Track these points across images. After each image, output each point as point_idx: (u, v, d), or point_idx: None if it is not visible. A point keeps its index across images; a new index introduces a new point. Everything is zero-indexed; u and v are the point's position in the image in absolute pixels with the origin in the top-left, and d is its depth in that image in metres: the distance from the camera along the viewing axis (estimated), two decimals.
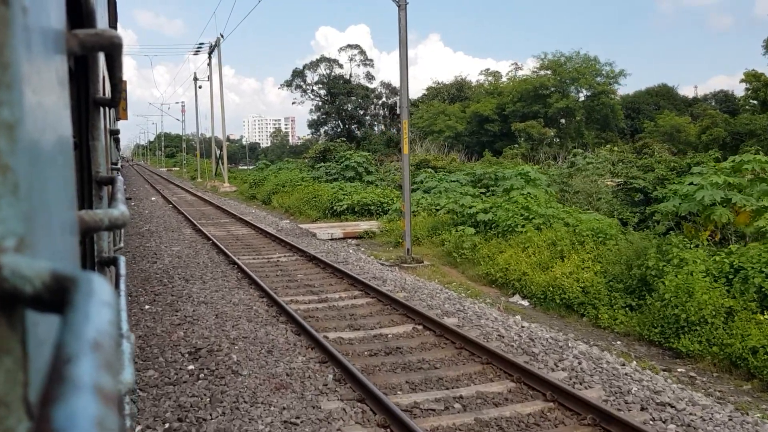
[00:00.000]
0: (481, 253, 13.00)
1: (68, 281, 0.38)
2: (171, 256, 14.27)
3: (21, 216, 0.41)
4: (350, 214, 22.23)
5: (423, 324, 8.50)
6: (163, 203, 29.77)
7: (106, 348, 0.33)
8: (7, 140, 0.40)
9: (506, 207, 13.55)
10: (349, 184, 25.16)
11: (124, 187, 2.04)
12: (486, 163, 28.68)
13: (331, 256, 14.23)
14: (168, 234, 18.25)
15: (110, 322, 0.36)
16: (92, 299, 0.37)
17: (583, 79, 50.16)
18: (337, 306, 9.67)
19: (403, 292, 10.49)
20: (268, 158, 79.53)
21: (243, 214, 23.94)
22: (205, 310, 9.27)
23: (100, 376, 0.31)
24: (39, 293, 0.38)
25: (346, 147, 33.75)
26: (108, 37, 0.90)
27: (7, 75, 0.41)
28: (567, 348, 7.46)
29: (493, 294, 11.34)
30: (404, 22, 13.22)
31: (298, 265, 13.18)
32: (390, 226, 18.25)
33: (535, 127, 47.00)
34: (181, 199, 31.99)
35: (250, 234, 18.46)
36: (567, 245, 11.12)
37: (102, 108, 2.06)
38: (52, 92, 0.62)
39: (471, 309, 9.31)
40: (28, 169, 0.45)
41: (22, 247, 0.40)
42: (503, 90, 55.80)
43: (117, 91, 1.87)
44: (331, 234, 18.16)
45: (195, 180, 53.17)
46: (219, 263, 13.29)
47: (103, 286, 0.38)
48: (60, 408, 0.28)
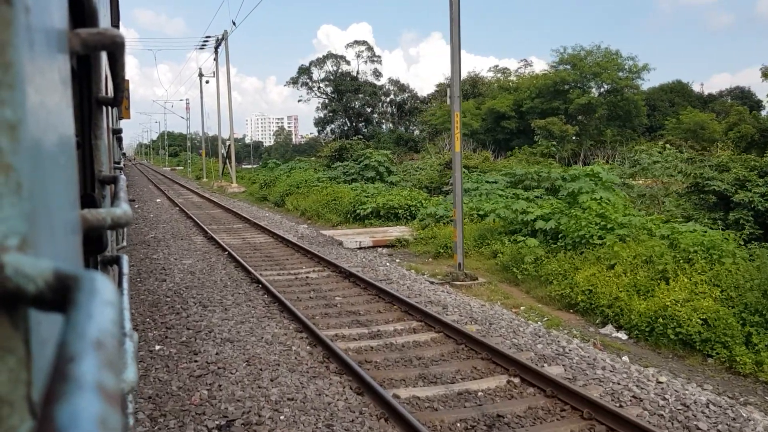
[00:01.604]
0: (548, 269, 10.97)
1: (71, 280, 0.38)
2: (182, 271, 12.26)
3: (24, 215, 0.41)
4: (375, 218, 20.23)
5: (519, 375, 6.48)
6: (168, 205, 27.77)
7: (109, 347, 0.33)
8: (9, 140, 0.40)
9: (576, 214, 11.50)
10: (370, 186, 23.14)
11: (126, 186, 1.92)
12: (523, 162, 26.53)
13: (369, 271, 12.21)
14: (177, 243, 16.24)
15: (113, 321, 0.36)
16: (95, 298, 0.37)
17: (605, 74, 47.98)
18: (395, 344, 7.65)
19: (473, 324, 8.48)
20: (271, 157, 77.76)
21: (257, 218, 21.93)
22: (232, 351, 7.26)
23: (102, 375, 0.31)
24: (42, 292, 0.38)
25: (363, 145, 31.71)
26: (110, 37, 0.90)
27: (10, 75, 0.40)
28: (741, 419, 5.42)
29: (576, 322, 9.32)
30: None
31: (332, 283, 11.16)
32: (425, 234, 16.23)
33: (556, 124, 44.89)
34: (187, 201, 29.99)
35: (269, 242, 16.44)
36: (670, 264, 9.08)
37: (104, 107, 2.07)
38: (55, 92, 0.63)
39: (573, 350, 7.28)
40: (31, 168, 0.45)
41: (25, 247, 0.40)
42: (519, 86, 53.65)
43: (119, 90, 1.89)
44: (359, 242, 16.14)
45: (200, 180, 51.16)
46: (239, 281, 11.28)
47: (106, 285, 0.38)
48: (63, 407, 0.29)
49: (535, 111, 49.30)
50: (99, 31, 0.89)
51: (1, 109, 0.40)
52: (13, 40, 0.41)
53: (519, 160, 27.92)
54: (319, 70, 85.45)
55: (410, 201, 20.43)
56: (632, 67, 49.05)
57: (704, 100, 73.82)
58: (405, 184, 23.01)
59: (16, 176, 0.40)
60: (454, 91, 11.47)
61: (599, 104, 48.06)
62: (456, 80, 11.48)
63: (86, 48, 0.88)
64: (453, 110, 11.53)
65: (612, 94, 49.42)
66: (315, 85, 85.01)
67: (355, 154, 28.28)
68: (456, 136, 11.56)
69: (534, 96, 50.17)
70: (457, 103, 11.49)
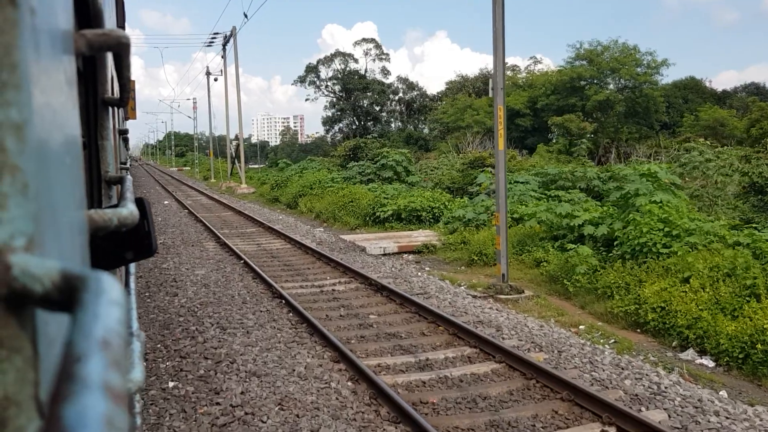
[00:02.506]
0: (605, 282, 9.77)
1: (77, 280, 0.38)
2: (195, 283, 11.12)
3: (30, 216, 0.41)
4: (396, 221, 19.05)
5: (615, 424, 5.27)
6: (177, 208, 26.68)
7: (115, 347, 0.33)
8: (15, 140, 0.40)
9: (635, 219, 10.27)
10: (389, 186, 21.96)
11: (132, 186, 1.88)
12: (553, 161, 25.11)
13: (402, 283, 11.03)
14: (187, 250, 15.11)
15: (119, 320, 0.36)
16: (101, 298, 0.37)
17: (624, 70, 46.50)
18: (451, 378, 6.47)
19: (538, 350, 7.29)
20: (278, 156, 76.49)
21: (270, 221, 20.78)
22: (260, 390, 6.09)
23: (109, 374, 0.31)
24: (48, 292, 0.38)
25: (378, 144, 30.46)
26: (116, 37, 0.89)
27: (16, 76, 0.41)
28: None
29: (649, 345, 8.11)
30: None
31: (363, 298, 10.00)
32: (454, 239, 15.05)
33: (574, 121, 43.46)
34: (196, 203, 28.89)
35: (286, 249, 15.28)
36: (759, 277, 7.86)
37: (110, 108, 2.09)
38: (61, 92, 0.63)
39: (669, 388, 6.06)
40: (37, 169, 0.45)
41: (32, 247, 0.40)
42: (533, 83, 52.23)
43: (125, 90, 1.89)
44: (383, 248, 14.97)
45: (208, 180, 50.12)
46: (260, 296, 10.12)
47: (113, 285, 0.38)
48: (70, 406, 0.29)
49: (551, 108, 47.89)
50: (104, 32, 0.89)
51: (7, 110, 0.40)
52: (18, 41, 0.41)
53: (548, 159, 26.37)
54: (327, 68, 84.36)
55: (433, 203, 19.25)
56: (651, 63, 47.61)
57: (718, 96, 72.24)
58: (426, 184, 21.76)
59: (23, 177, 0.40)
60: (498, 82, 10.27)
61: (617, 100, 46.62)
62: (500, 69, 10.29)
63: (92, 49, 0.88)
64: (496, 103, 10.34)
65: (630, 90, 47.96)
66: (323, 84, 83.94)
67: (370, 153, 27.05)
68: (500, 132, 10.39)
69: (549, 93, 48.75)
70: (501, 96, 10.30)
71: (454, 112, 53.21)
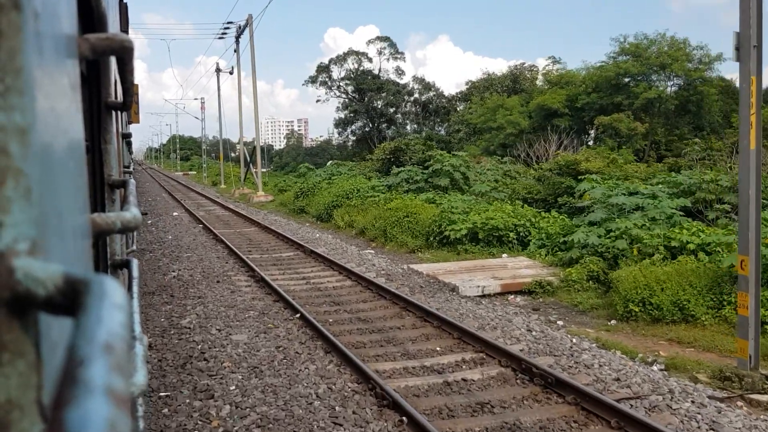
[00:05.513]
0: None
1: (81, 284, 0.38)
2: (237, 364, 7.01)
3: (34, 220, 0.41)
4: (470, 242, 14.95)
5: None
6: (189, 221, 22.60)
7: (119, 350, 0.33)
8: (19, 145, 0.40)
9: None
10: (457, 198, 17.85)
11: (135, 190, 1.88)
12: (686, 168, 20.63)
13: (567, 363, 6.91)
14: (213, 290, 11.00)
15: (122, 324, 0.36)
16: (104, 302, 0.37)
17: (675, 65, 42.36)
18: None
19: None
20: (284, 160, 72.30)
21: (307, 240, 16.65)
22: None
23: (112, 378, 0.31)
24: (52, 296, 0.38)
25: (424, 146, 26.34)
26: (119, 41, 0.88)
27: (20, 80, 0.41)
28: None
29: None
30: None
31: (506, 390, 5.87)
32: (577, 274, 10.95)
33: (624, 121, 39.33)
34: (210, 215, 24.78)
35: (346, 288, 11.15)
36: None
37: (114, 112, 2.06)
38: (64, 97, 0.62)
39: None
40: (41, 173, 0.45)
41: (35, 251, 0.40)
42: (571, 80, 48.08)
43: (128, 94, 1.86)
44: (481, 288, 10.88)
45: (218, 186, 46.03)
46: (345, 393, 6.01)
47: (116, 289, 0.39)
48: (73, 410, 0.29)
49: (593, 107, 43.79)
50: (108, 36, 0.88)
51: (11, 114, 0.40)
52: (22, 45, 0.41)
53: (606, 163, 21.95)
54: (340, 68, 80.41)
55: (517, 219, 15.16)
56: (703, 57, 43.51)
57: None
58: (500, 195, 17.63)
59: (26, 181, 0.40)
60: (750, 36, 6.14)
61: (668, 98, 42.49)
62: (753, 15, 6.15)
63: (95, 53, 0.87)
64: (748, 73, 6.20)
65: (683, 87, 43.80)
66: (335, 84, 79.96)
67: (414, 156, 22.93)
68: (751, 120, 6.26)
69: (590, 90, 44.63)
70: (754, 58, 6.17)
71: (483, 112, 49.12)
